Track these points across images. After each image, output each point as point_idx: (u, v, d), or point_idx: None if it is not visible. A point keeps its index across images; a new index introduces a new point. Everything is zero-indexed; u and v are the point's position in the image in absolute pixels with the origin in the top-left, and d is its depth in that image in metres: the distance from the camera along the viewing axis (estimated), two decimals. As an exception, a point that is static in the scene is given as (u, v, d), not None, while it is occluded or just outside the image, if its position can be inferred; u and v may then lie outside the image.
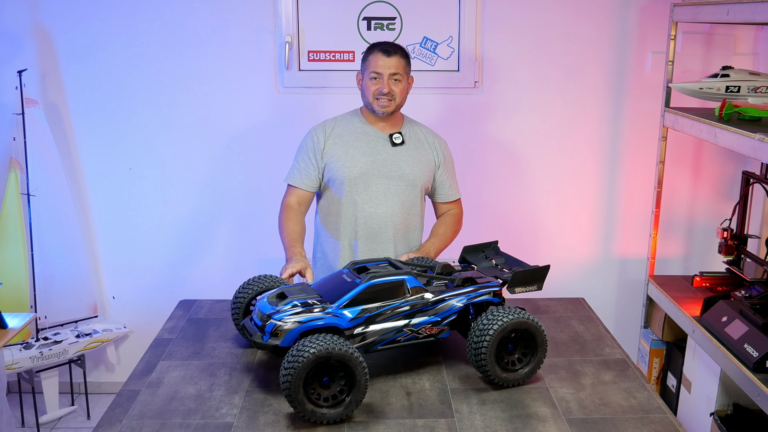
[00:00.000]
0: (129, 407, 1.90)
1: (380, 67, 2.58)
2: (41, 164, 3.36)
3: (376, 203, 2.64)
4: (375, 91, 2.60)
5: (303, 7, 3.41)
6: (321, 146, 2.66)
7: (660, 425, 1.84)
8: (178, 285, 3.63)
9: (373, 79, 2.60)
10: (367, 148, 2.65)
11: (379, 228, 2.65)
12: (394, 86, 2.60)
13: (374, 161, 2.64)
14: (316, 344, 1.75)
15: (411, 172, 2.66)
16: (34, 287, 3.36)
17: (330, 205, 2.70)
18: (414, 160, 2.67)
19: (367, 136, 2.66)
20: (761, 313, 2.55)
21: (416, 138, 2.71)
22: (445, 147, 2.78)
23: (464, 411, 1.89)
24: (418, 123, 2.78)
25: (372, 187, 2.64)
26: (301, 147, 2.70)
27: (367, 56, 2.63)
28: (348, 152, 2.64)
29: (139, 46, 3.45)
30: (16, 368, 3.23)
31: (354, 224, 2.66)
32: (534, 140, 3.58)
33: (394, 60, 2.59)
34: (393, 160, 2.65)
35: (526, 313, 1.98)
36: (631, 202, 3.66)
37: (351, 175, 2.62)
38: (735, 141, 2.48)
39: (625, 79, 3.53)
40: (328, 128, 2.69)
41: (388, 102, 2.60)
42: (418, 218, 2.74)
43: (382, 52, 2.59)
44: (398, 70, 2.60)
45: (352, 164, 2.62)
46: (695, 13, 2.90)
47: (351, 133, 2.67)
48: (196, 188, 3.60)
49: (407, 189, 2.67)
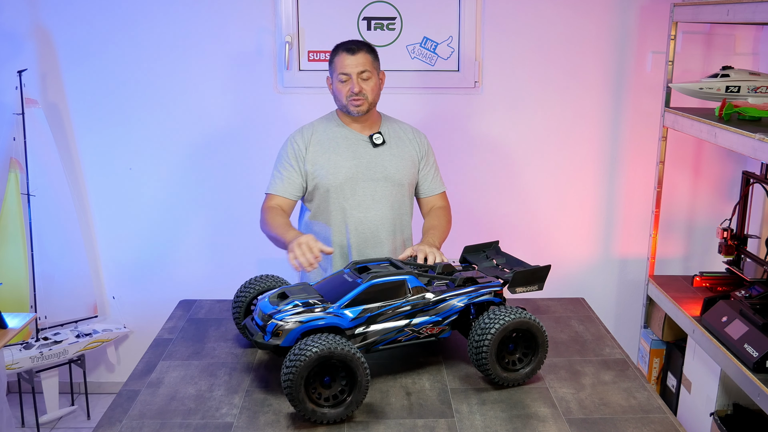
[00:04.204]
0: (129, 407, 1.90)
1: (347, 66, 2.52)
2: (41, 164, 3.36)
3: (365, 208, 2.60)
4: (347, 92, 2.53)
5: (303, 7, 3.42)
6: (303, 153, 2.60)
7: (660, 425, 1.84)
8: (178, 285, 3.63)
9: (342, 80, 2.53)
10: (348, 152, 2.60)
11: (371, 232, 2.62)
12: (364, 84, 2.53)
13: (358, 165, 2.59)
14: (317, 344, 1.75)
15: (396, 171, 2.62)
16: (34, 287, 3.36)
17: (317, 213, 2.65)
18: (397, 159, 2.63)
19: (347, 139, 2.61)
20: (761, 313, 2.55)
21: (396, 135, 2.67)
22: (425, 140, 2.73)
23: (464, 411, 1.89)
24: (395, 119, 2.74)
25: (359, 192, 2.59)
26: (281, 156, 2.64)
27: (333, 58, 2.56)
28: (330, 159, 2.58)
29: (139, 46, 3.45)
30: (16, 368, 3.23)
31: (344, 231, 2.62)
32: (534, 140, 3.58)
33: (360, 57, 2.52)
34: (376, 161, 2.60)
35: (527, 312, 1.98)
36: (631, 202, 3.66)
37: (336, 182, 2.57)
38: (735, 141, 2.48)
39: (625, 79, 3.53)
40: (306, 135, 2.62)
41: (361, 101, 2.54)
42: (408, 216, 2.71)
43: (346, 51, 2.53)
44: (366, 67, 2.53)
45: (336, 171, 2.57)
46: (695, 13, 2.90)
47: (330, 139, 2.61)
48: (196, 188, 3.60)
49: (394, 189, 2.63)
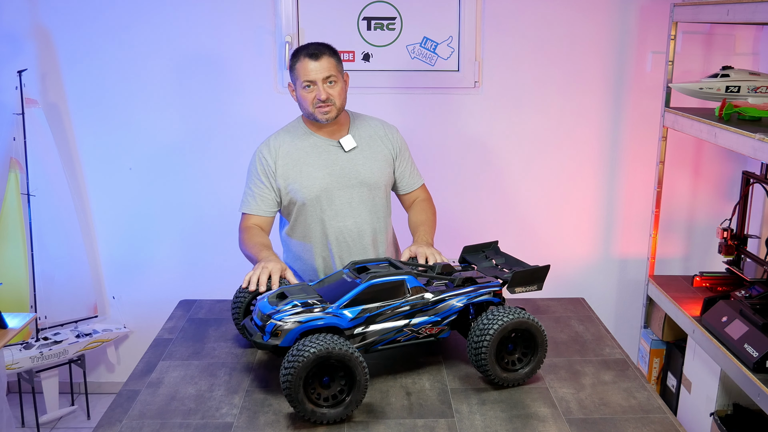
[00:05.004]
0: (129, 407, 1.90)
1: (311, 73, 2.40)
2: (41, 164, 3.36)
3: (343, 216, 2.53)
4: (312, 99, 2.42)
5: (303, 7, 3.41)
6: (272, 168, 2.50)
7: (660, 425, 1.84)
8: (178, 285, 3.63)
9: (307, 87, 2.42)
10: (320, 161, 2.50)
11: (352, 240, 2.55)
12: (330, 90, 2.42)
13: (331, 173, 2.50)
14: (316, 344, 1.75)
15: (371, 175, 2.54)
16: (34, 287, 3.36)
17: (296, 226, 2.58)
18: (370, 162, 2.54)
19: (317, 148, 2.51)
20: (761, 313, 2.55)
21: (367, 135, 2.57)
22: (397, 134, 2.64)
23: (464, 411, 1.89)
24: (363, 116, 2.63)
25: (335, 201, 2.51)
26: (251, 172, 2.54)
27: (294, 64, 2.43)
28: (302, 171, 2.49)
29: (138, 46, 3.45)
30: (16, 368, 3.23)
31: (325, 242, 2.55)
32: (534, 140, 3.58)
33: (324, 62, 2.41)
34: (350, 167, 2.51)
35: (527, 313, 1.98)
36: (631, 202, 3.66)
37: (311, 194, 2.49)
38: (735, 141, 2.48)
39: (625, 79, 3.53)
40: (273, 148, 2.52)
41: (329, 108, 2.43)
42: (387, 218, 2.63)
43: (308, 57, 2.40)
44: (330, 72, 2.41)
45: (310, 183, 2.48)
46: (695, 13, 2.90)
47: (300, 149, 2.51)
48: (196, 188, 3.60)
49: (371, 193, 2.55)
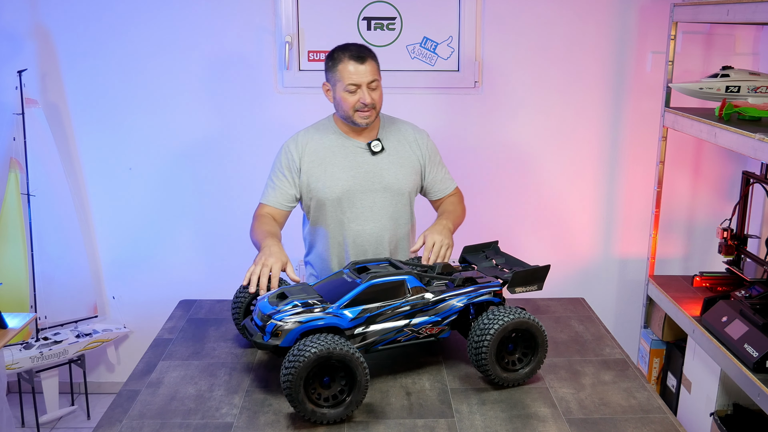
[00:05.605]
0: (129, 407, 1.90)
1: (356, 76, 2.37)
2: (41, 164, 3.36)
3: (363, 220, 2.50)
4: (355, 103, 2.39)
5: (303, 7, 3.41)
6: (297, 164, 2.49)
7: (660, 425, 1.84)
8: (178, 285, 3.63)
9: (350, 91, 2.39)
10: (346, 162, 2.48)
11: (370, 245, 2.52)
12: (373, 94, 2.40)
13: (356, 176, 2.48)
14: (316, 344, 1.75)
15: (395, 181, 2.51)
16: (34, 287, 3.36)
17: (316, 223, 2.57)
18: (397, 167, 2.51)
19: (344, 149, 2.49)
20: (761, 313, 2.55)
21: (396, 140, 2.54)
22: (428, 140, 2.60)
23: (464, 411, 1.89)
24: (395, 120, 2.61)
25: (357, 204, 2.49)
26: (275, 165, 2.54)
27: (336, 65, 2.40)
28: (327, 170, 2.47)
29: (138, 46, 3.45)
30: (16, 368, 3.23)
31: (342, 243, 2.54)
32: (534, 140, 3.58)
33: (369, 66, 2.38)
34: (375, 171, 2.49)
35: (527, 312, 1.98)
36: (631, 202, 3.66)
37: (333, 195, 2.47)
38: (735, 141, 2.48)
39: (625, 79, 3.53)
40: (300, 144, 2.50)
41: (370, 112, 2.41)
42: (409, 226, 2.61)
43: (354, 59, 2.37)
44: (375, 76, 2.39)
45: (334, 183, 2.47)
46: (695, 13, 2.90)
47: (327, 148, 2.49)
48: (196, 188, 3.60)
49: (394, 199, 2.52)
